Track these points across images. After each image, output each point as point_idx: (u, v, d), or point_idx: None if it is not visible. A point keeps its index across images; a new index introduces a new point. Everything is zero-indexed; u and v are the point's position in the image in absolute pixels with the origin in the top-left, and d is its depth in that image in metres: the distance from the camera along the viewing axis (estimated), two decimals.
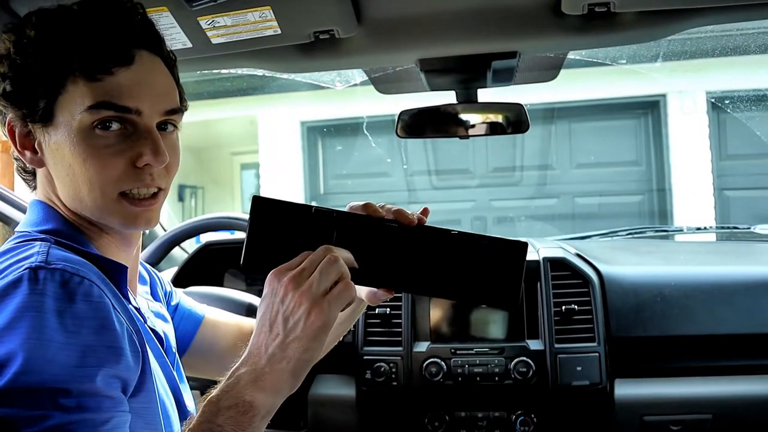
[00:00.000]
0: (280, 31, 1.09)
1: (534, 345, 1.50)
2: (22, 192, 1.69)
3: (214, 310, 1.16)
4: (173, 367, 0.88)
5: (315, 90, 4.64)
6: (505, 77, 1.35)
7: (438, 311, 1.58)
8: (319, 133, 5.80)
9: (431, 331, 1.57)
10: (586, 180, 5.28)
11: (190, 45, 1.11)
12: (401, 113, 1.40)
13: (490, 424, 1.54)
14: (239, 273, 1.93)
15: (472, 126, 1.40)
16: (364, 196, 5.69)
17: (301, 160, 5.75)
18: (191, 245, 1.96)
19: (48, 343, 0.63)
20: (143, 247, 1.58)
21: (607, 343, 1.50)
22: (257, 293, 1.60)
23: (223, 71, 1.51)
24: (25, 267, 0.66)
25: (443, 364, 1.50)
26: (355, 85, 1.65)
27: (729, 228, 2.52)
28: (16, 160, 0.82)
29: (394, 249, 0.77)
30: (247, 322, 1.16)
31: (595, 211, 5.26)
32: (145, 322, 0.83)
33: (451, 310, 1.58)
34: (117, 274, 0.77)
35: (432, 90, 1.41)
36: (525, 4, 1.10)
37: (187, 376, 0.95)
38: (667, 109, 5.12)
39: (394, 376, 1.53)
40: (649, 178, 5.24)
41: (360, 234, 0.77)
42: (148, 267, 1.03)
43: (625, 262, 1.73)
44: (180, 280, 1.77)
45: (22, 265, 0.67)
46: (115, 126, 0.75)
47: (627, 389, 1.50)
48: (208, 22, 1.05)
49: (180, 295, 1.11)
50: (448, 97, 1.39)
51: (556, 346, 1.48)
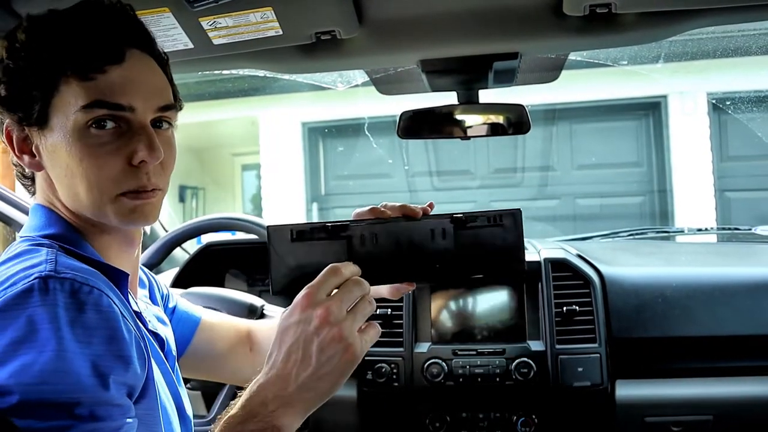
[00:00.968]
0: (281, 32, 1.09)
1: (535, 346, 1.50)
2: (23, 193, 1.69)
3: (211, 312, 1.16)
4: (172, 371, 0.88)
5: (316, 91, 4.64)
6: (507, 78, 1.35)
7: (439, 312, 1.58)
8: (320, 134, 5.81)
9: (432, 332, 1.57)
10: (587, 181, 5.28)
11: (191, 46, 1.11)
12: (402, 114, 1.40)
13: (491, 425, 1.54)
14: (240, 273, 1.93)
15: (473, 127, 1.40)
16: (365, 197, 5.71)
17: (302, 161, 5.75)
18: (192, 246, 1.96)
19: (62, 354, 0.63)
20: (144, 247, 1.59)
21: (608, 344, 1.49)
22: (258, 294, 1.60)
23: (225, 72, 1.51)
24: (34, 276, 0.66)
25: (444, 364, 1.50)
26: (357, 85, 1.65)
27: (730, 229, 2.52)
28: (15, 165, 0.82)
29: (407, 243, 0.80)
30: (243, 324, 1.16)
31: (597, 212, 5.26)
32: (146, 326, 0.83)
33: (452, 310, 1.58)
34: (119, 281, 0.77)
35: (433, 91, 1.41)
36: (526, 5, 1.10)
37: (184, 378, 0.95)
38: (668, 110, 5.12)
39: (395, 376, 1.53)
40: (650, 179, 5.24)
41: (374, 237, 0.80)
42: (146, 270, 1.03)
43: (626, 263, 1.73)
44: (181, 281, 1.78)
45: (31, 274, 0.67)
46: (109, 124, 0.75)
47: (628, 390, 1.49)
48: (210, 23, 1.06)
49: (177, 298, 1.11)
50: (450, 97, 1.39)
51: (557, 347, 1.48)
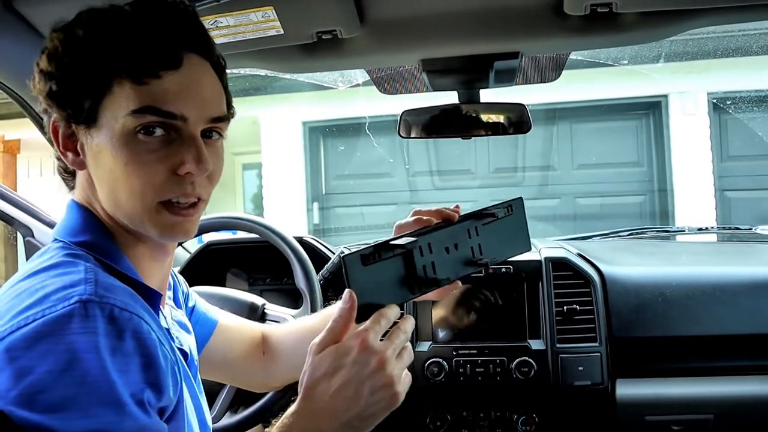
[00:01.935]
0: (282, 32, 1.09)
1: (535, 345, 1.50)
2: (24, 192, 1.69)
3: (227, 315, 1.16)
4: (194, 381, 0.87)
5: (317, 90, 4.65)
6: (508, 78, 1.35)
7: (440, 311, 1.58)
8: (321, 133, 5.81)
9: (433, 332, 1.57)
10: (587, 180, 5.28)
11: None
12: (403, 113, 1.41)
13: (492, 424, 1.54)
14: (241, 273, 1.94)
15: (474, 126, 1.40)
16: (366, 196, 5.72)
17: (303, 161, 5.75)
18: (193, 245, 1.96)
19: (103, 385, 0.63)
20: None
21: (608, 343, 1.50)
22: (259, 293, 1.61)
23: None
24: (75, 300, 0.65)
25: (445, 364, 1.50)
26: (358, 85, 1.66)
27: (730, 229, 2.52)
28: (58, 159, 0.80)
29: (453, 245, 0.89)
30: (257, 328, 1.17)
31: (597, 211, 5.26)
32: (173, 341, 0.82)
33: (452, 309, 1.58)
34: (153, 300, 0.76)
35: (434, 90, 1.41)
36: (527, 4, 1.10)
37: None
38: (668, 110, 5.12)
39: None
40: (650, 178, 5.24)
41: (429, 246, 0.86)
42: (181, 284, 1.02)
43: (626, 262, 1.73)
44: None
45: (71, 295, 0.65)
46: (158, 132, 0.73)
47: (628, 389, 1.50)
48: (211, 23, 1.06)
49: (196, 298, 1.11)
50: (451, 97, 1.39)
51: (558, 346, 1.48)
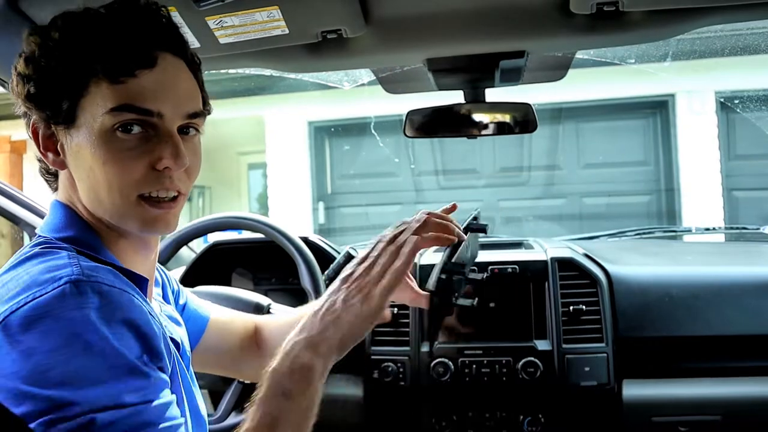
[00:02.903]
0: (287, 31, 1.09)
1: (542, 345, 1.49)
2: (30, 192, 1.70)
3: (219, 309, 1.16)
4: (187, 371, 0.89)
5: (322, 90, 4.65)
6: (513, 77, 1.35)
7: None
8: (326, 132, 5.81)
9: (439, 332, 1.57)
10: (593, 180, 5.26)
11: (198, 45, 1.11)
12: (409, 113, 1.40)
13: (498, 425, 1.54)
14: (247, 272, 1.94)
15: (480, 126, 1.39)
16: (371, 196, 5.72)
17: (309, 160, 5.75)
18: (199, 245, 1.96)
19: (104, 352, 0.65)
20: None
21: (614, 344, 1.49)
22: (264, 292, 1.61)
23: (231, 71, 1.51)
24: (65, 280, 0.67)
25: (451, 364, 1.50)
26: (363, 84, 1.65)
27: (738, 229, 2.51)
28: (40, 161, 0.82)
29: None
30: (251, 320, 1.17)
31: (603, 211, 5.24)
32: (164, 330, 0.83)
33: (458, 310, 1.58)
34: (139, 285, 0.78)
35: (440, 89, 1.40)
36: (533, 3, 1.10)
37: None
38: (675, 109, 5.10)
39: (401, 376, 1.53)
40: (657, 178, 5.22)
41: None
42: (159, 266, 1.03)
43: (633, 262, 1.73)
44: (188, 280, 1.78)
45: (60, 277, 0.68)
46: (136, 129, 0.75)
47: (635, 390, 1.49)
48: (216, 22, 1.06)
49: (187, 294, 1.11)
50: (456, 96, 1.39)
51: (564, 346, 1.48)
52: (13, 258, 0.76)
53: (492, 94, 1.37)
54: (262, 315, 1.44)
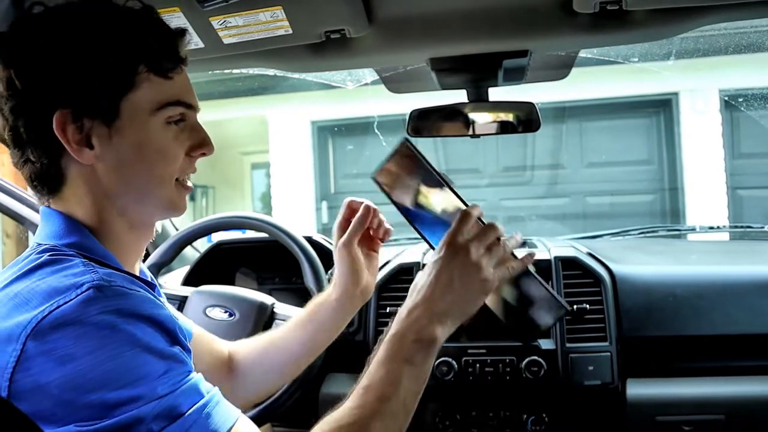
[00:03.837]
0: (291, 31, 1.09)
1: (545, 344, 1.49)
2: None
3: (198, 329, 1.14)
4: None
5: (326, 89, 4.64)
6: (517, 76, 1.35)
7: None
8: (329, 132, 5.81)
9: None
10: (597, 179, 5.25)
11: (201, 45, 1.12)
12: (412, 112, 1.40)
13: (501, 424, 1.54)
14: (250, 272, 1.94)
15: (483, 125, 1.39)
16: (374, 195, 5.69)
17: (312, 160, 5.76)
18: (203, 244, 1.97)
19: (137, 349, 0.68)
20: (155, 246, 1.60)
21: (618, 343, 1.49)
22: (268, 292, 1.61)
23: (234, 71, 1.52)
24: (87, 286, 0.68)
25: (454, 363, 1.50)
26: (366, 84, 1.65)
27: (742, 227, 2.50)
28: (40, 163, 0.78)
29: None
30: (225, 347, 1.15)
31: (607, 210, 5.23)
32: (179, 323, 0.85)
33: None
34: (148, 288, 0.80)
35: (443, 89, 1.40)
36: (536, 2, 1.10)
37: None
38: (679, 108, 5.09)
39: None
40: (661, 177, 5.21)
41: None
42: (149, 275, 1.03)
43: (636, 261, 1.72)
44: (192, 279, 1.79)
45: (79, 283, 0.69)
46: (179, 121, 0.81)
47: (639, 389, 1.49)
48: (220, 23, 1.06)
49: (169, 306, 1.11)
50: (459, 96, 1.39)
51: (568, 345, 1.48)
52: (16, 268, 0.75)
53: (495, 94, 1.37)
54: (267, 314, 1.45)
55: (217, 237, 1.87)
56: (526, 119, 1.38)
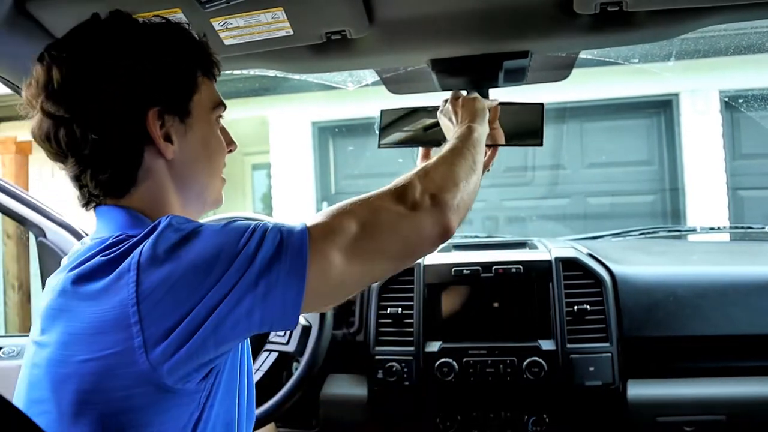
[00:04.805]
0: (292, 32, 1.10)
1: (546, 345, 1.50)
2: (36, 193, 1.70)
3: None
4: None
5: (326, 90, 4.64)
6: (517, 77, 1.35)
7: (450, 311, 1.58)
8: (330, 133, 5.81)
9: (443, 331, 1.57)
10: (598, 180, 5.25)
11: None
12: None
13: (502, 424, 1.54)
14: None
15: None
16: None
17: (313, 161, 5.75)
18: None
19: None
20: None
21: (619, 344, 1.49)
22: None
23: (235, 72, 1.52)
24: (162, 223, 0.75)
25: (455, 363, 1.50)
26: (367, 85, 1.65)
27: (743, 228, 2.50)
28: (125, 166, 0.82)
29: None
30: None
31: (607, 211, 5.23)
32: None
33: (462, 309, 1.58)
34: None
35: (443, 90, 1.40)
36: (537, 3, 1.10)
37: None
38: (679, 109, 5.08)
39: (405, 375, 1.53)
40: (661, 177, 5.20)
41: None
42: None
43: (637, 262, 1.73)
44: None
45: (155, 225, 0.75)
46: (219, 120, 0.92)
47: (640, 390, 1.49)
48: (221, 24, 1.06)
49: None
50: None
51: (569, 346, 1.48)
52: (90, 253, 0.77)
53: (496, 95, 1.37)
54: None
55: None
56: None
